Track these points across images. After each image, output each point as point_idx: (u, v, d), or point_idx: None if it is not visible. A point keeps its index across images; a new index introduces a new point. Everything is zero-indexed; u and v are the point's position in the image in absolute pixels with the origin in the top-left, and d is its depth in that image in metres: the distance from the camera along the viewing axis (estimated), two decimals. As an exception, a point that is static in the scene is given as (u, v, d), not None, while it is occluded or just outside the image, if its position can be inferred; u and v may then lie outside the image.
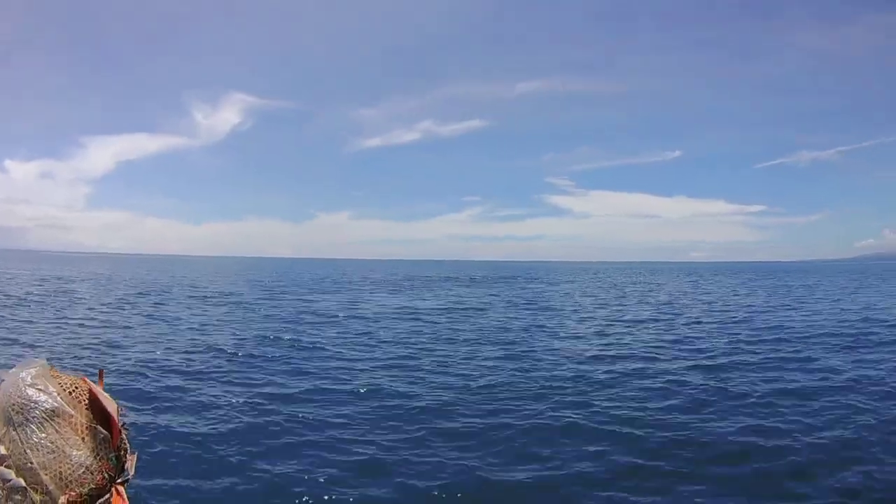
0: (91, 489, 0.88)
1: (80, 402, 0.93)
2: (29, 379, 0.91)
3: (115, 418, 0.94)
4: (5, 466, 0.85)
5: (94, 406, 0.94)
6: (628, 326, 17.65)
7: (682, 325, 17.88)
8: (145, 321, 17.45)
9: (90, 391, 0.95)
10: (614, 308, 24.64)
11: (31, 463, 0.85)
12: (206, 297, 27.65)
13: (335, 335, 15.12)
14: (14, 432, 0.87)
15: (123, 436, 0.96)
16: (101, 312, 19.30)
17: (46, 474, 0.86)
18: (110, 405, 0.95)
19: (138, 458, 0.98)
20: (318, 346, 13.29)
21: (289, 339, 13.97)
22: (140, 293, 28.66)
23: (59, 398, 0.91)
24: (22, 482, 0.84)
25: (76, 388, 0.95)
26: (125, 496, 0.95)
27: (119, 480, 0.94)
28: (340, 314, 20.47)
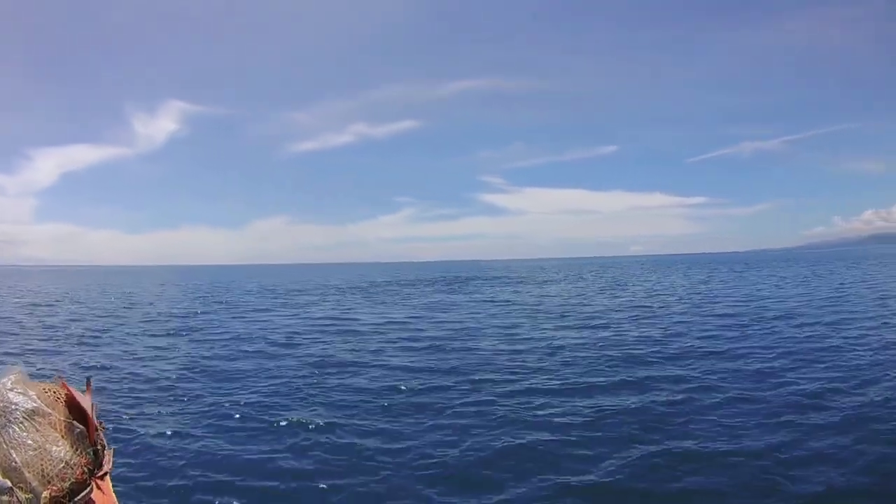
0: (72, 483, 0.88)
1: (57, 400, 0.94)
2: (9, 384, 0.92)
3: (91, 414, 0.95)
4: None
5: (71, 404, 0.95)
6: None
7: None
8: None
9: (66, 390, 0.96)
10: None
11: (16, 462, 0.85)
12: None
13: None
14: None
15: (100, 431, 0.97)
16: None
17: (30, 472, 0.85)
18: (86, 402, 0.96)
19: (115, 454, 0.99)
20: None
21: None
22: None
23: (37, 398, 0.92)
24: (8, 483, 0.83)
25: (52, 390, 0.95)
26: (107, 490, 0.96)
27: (98, 474, 0.94)
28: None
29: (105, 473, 0.95)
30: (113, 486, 0.98)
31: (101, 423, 0.98)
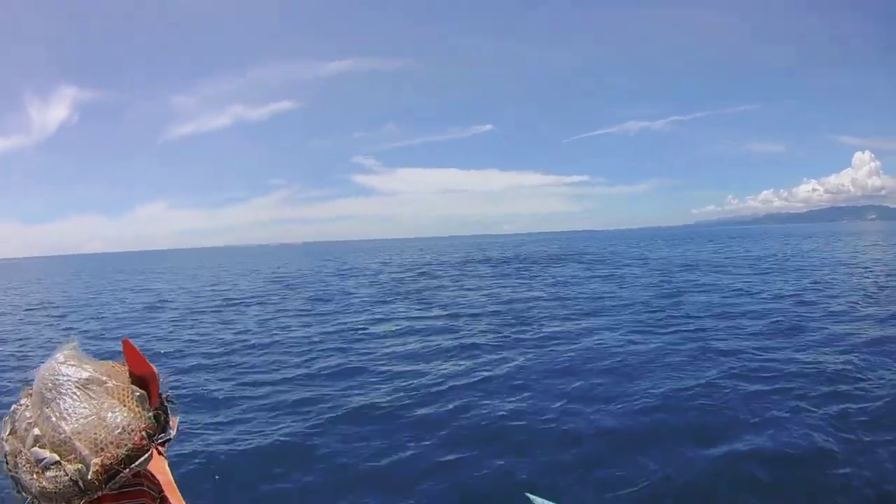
0: (128, 450, 0.87)
1: (114, 368, 0.95)
2: (62, 357, 0.93)
3: (154, 377, 0.95)
4: (39, 446, 0.86)
5: (134, 367, 0.96)
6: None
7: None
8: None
9: (128, 353, 0.96)
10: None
11: (65, 433, 0.86)
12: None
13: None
14: (48, 409, 0.88)
15: (163, 396, 0.97)
16: None
17: (80, 441, 0.85)
18: (147, 367, 0.95)
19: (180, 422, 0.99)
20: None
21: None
22: None
23: (90, 368, 0.93)
24: (55, 457, 0.84)
25: (111, 364, 0.96)
26: (165, 456, 0.96)
27: (159, 440, 0.94)
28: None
29: (168, 440, 0.96)
30: None
31: (167, 398, 0.98)
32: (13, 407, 0.92)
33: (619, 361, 8.42)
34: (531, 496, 4.13)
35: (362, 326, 12.77)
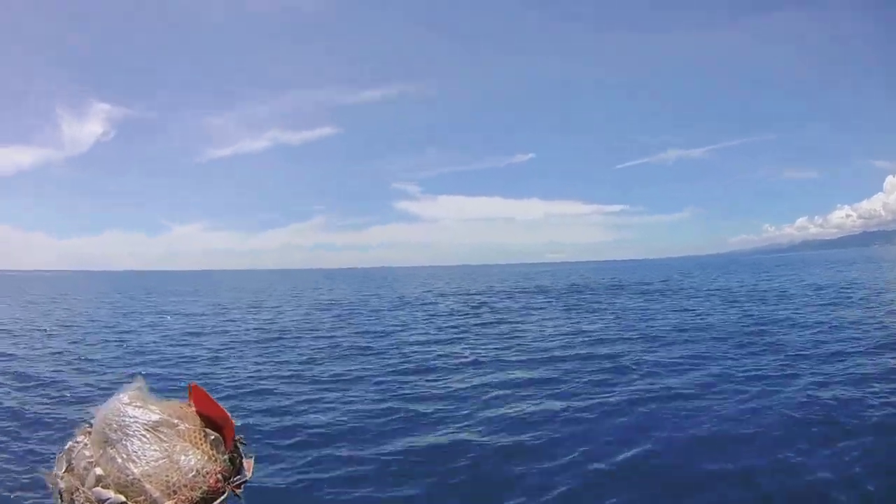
0: (203, 492, 0.86)
1: (186, 412, 0.93)
2: (126, 399, 0.91)
3: (228, 420, 0.94)
4: (102, 486, 0.83)
5: (205, 410, 0.94)
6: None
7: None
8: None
9: (197, 397, 0.95)
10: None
11: (133, 475, 0.83)
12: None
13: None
14: (112, 450, 0.86)
15: (237, 438, 0.96)
16: None
17: (151, 483, 0.83)
18: (220, 411, 0.94)
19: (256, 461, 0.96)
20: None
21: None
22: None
23: (158, 410, 0.90)
24: (121, 498, 0.82)
25: (180, 405, 0.94)
26: (241, 496, 0.93)
27: (235, 482, 0.92)
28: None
29: (244, 482, 0.93)
30: None
31: (240, 440, 0.97)
32: (69, 444, 0.91)
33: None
34: None
35: (434, 365, 10.72)
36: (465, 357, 11.94)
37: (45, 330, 18.29)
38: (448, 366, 11.05)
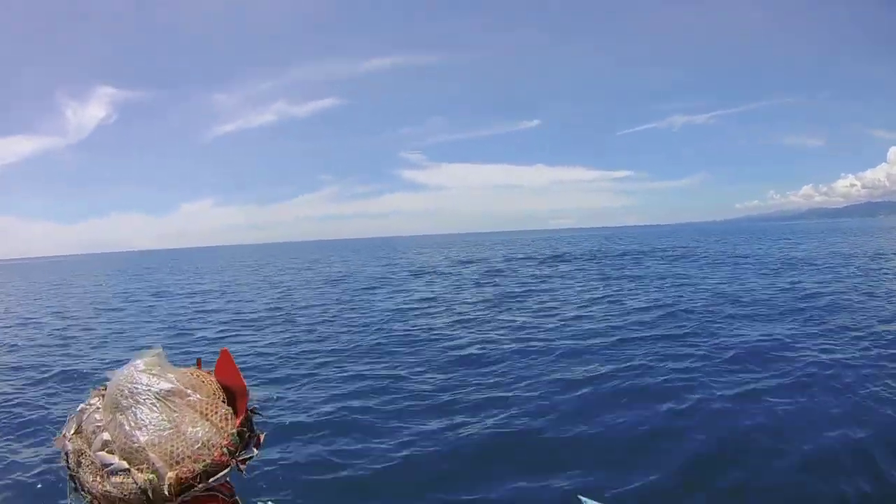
0: (206, 465, 0.84)
1: (201, 382, 0.91)
2: (142, 366, 0.89)
3: (244, 394, 0.92)
4: (108, 451, 0.83)
5: (225, 378, 0.93)
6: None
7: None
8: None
9: (221, 364, 0.93)
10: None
11: (139, 443, 0.82)
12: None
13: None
14: (121, 416, 0.85)
15: (251, 409, 0.93)
16: None
17: (155, 452, 0.82)
18: (239, 380, 0.92)
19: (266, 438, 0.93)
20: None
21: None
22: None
23: (174, 379, 0.89)
24: (124, 464, 0.81)
25: (196, 373, 0.93)
26: (244, 472, 0.90)
27: (242, 457, 0.89)
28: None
29: (250, 457, 0.90)
30: None
31: (253, 410, 0.94)
32: (81, 406, 0.89)
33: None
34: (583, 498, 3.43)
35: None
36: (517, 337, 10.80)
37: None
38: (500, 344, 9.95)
